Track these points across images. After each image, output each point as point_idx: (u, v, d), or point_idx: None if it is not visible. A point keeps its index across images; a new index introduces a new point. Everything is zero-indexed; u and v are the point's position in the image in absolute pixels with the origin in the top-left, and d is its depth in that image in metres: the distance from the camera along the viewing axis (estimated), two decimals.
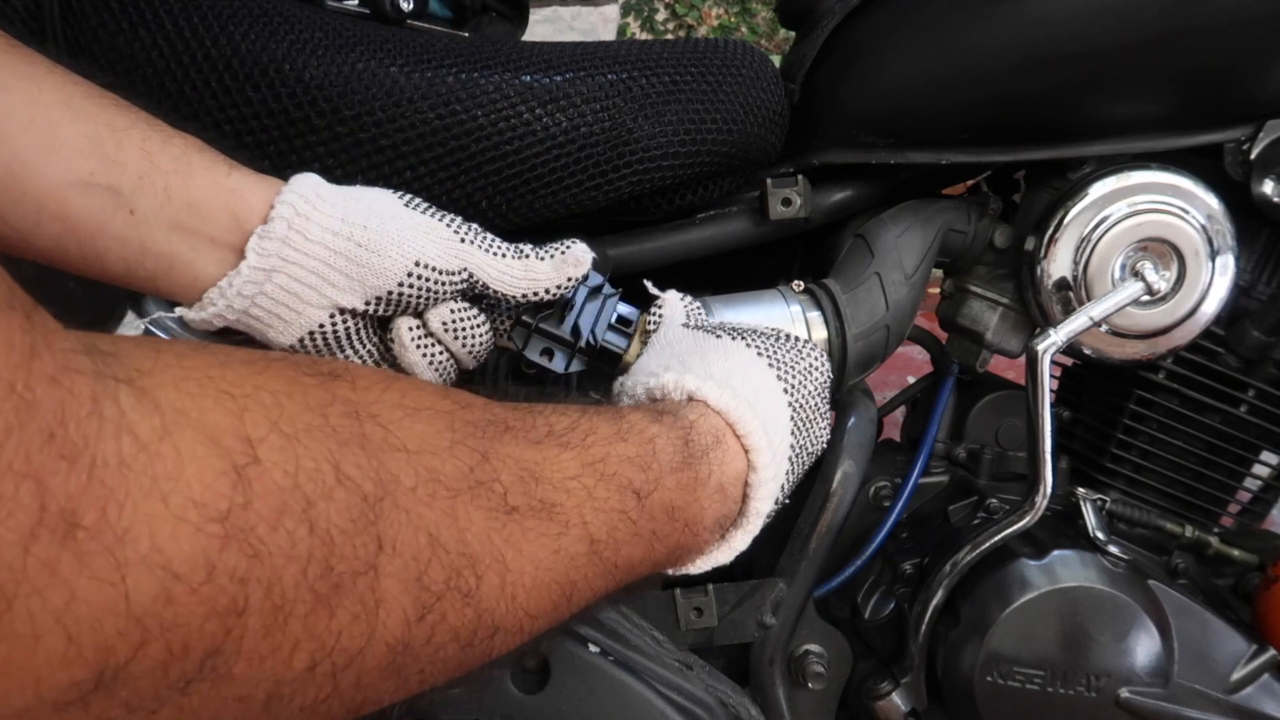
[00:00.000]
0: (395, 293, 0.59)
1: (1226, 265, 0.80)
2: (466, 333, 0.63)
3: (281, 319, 0.58)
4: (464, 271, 0.61)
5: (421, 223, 0.59)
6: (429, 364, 0.63)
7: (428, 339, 0.63)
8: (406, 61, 0.70)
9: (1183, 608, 0.83)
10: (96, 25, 0.67)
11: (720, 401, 0.54)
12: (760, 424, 0.55)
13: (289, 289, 0.57)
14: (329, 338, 0.60)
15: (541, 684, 0.71)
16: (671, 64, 0.77)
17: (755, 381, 0.57)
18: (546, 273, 0.62)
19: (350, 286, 0.58)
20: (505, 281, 0.62)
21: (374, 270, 0.58)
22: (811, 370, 0.62)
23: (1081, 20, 0.75)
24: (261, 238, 0.56)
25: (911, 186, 0.87)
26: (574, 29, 3.37)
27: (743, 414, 0.54)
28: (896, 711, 0.86)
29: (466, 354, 0.64)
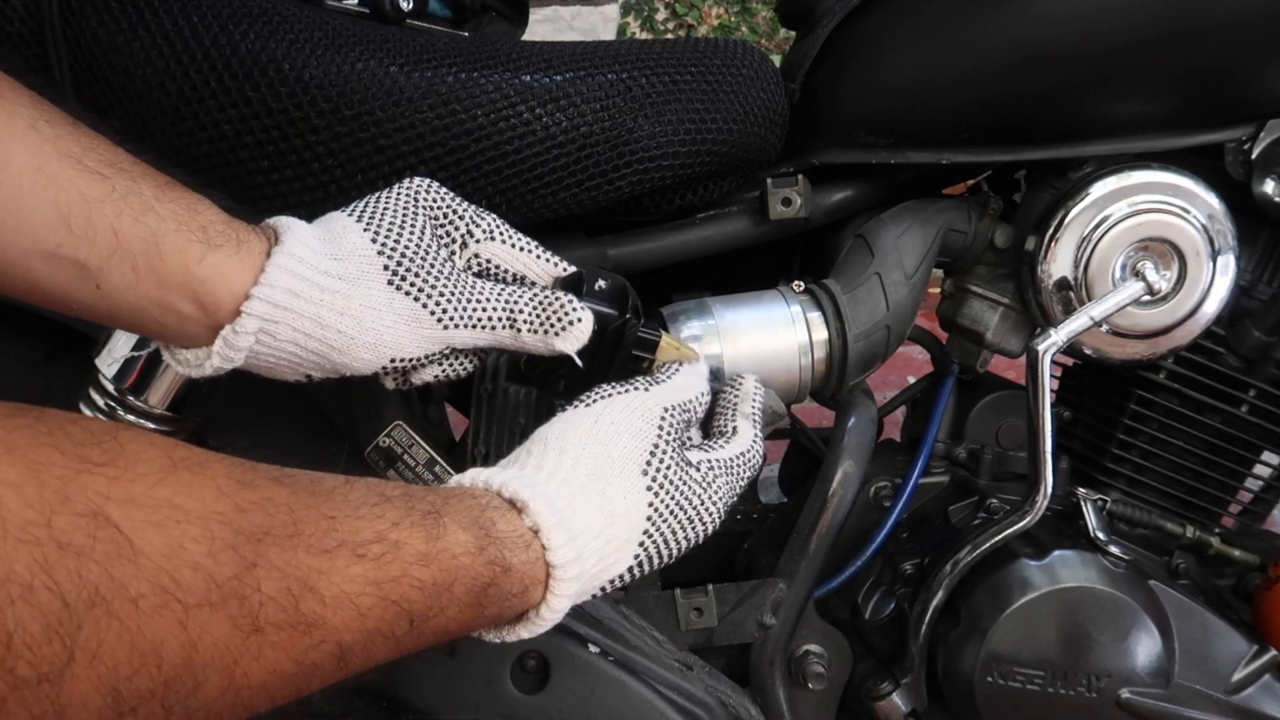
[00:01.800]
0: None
1: (1227, 265, 0.80)
2: (455, 377, 0.66)
3: (274, 369, 0.60)
4: (446, 349, 0.62)
5: (403, 311, 0.59)
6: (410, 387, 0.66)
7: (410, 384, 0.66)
8: (406, 61, 0.70)
9: (1183, 608, 0.83)
10: (96, 25, 0.67)
11: (546, 534, 0.52)
12: (577, 556, 0.53)
13: (262, 367, 0.59)
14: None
15: (541, 684, 0.71)
16: (671, 64, 0.77)
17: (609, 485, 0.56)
18: (540, 346, 0.62)
19: (326, 371, 0.61)
20: (485, 338, 0.62)
21: (348, 368, 0.60)
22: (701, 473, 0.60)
23: (1082, 20, 0.75)
24: (226, 343, 0.57)
25: (912, 186, 0.87)
26: (574, 29, 3.37)
27: (560, 552, 0.52)
28: (897, 712, 0.86)
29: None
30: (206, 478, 0.39)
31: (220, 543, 0.38)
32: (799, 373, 0.77)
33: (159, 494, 0.37)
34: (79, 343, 0.71)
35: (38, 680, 0.32)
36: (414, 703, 0.70)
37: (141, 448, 0.38)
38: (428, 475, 0.77)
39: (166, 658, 0.36)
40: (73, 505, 0.34)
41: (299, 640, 0.41)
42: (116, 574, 0.34)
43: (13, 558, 0.32)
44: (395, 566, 0.44)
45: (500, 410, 0.76)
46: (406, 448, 0.78)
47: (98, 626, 0.34)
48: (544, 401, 0.76)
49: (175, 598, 0.36)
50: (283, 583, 0.40)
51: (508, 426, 0.76)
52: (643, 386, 0.61)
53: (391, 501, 0.46)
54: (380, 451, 0.77)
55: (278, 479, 0.42)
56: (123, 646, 0.35)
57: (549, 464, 0.55)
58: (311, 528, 0.42)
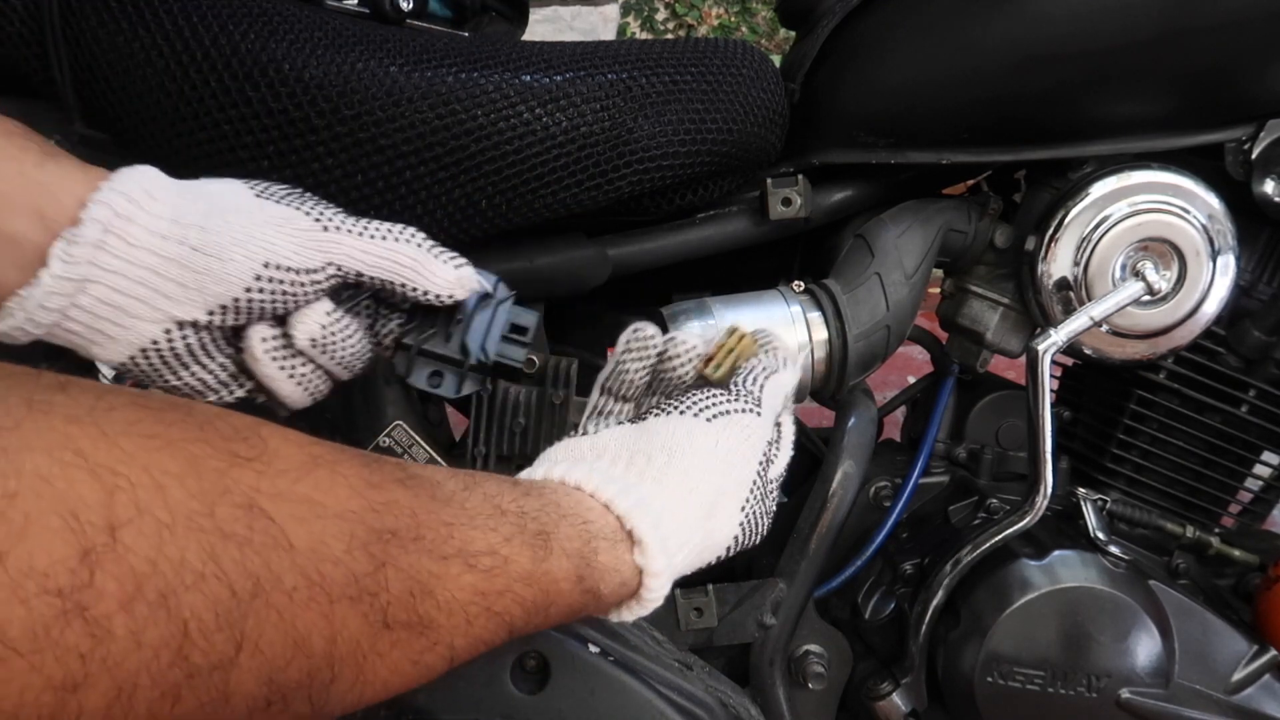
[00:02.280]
0: (243, 300, 0.53)
1: (1227, 265, 0.80)
2: (337, 346, 0.57)
3: (105, 334, 0.52)
4: (329, 267, 0.55)
5: (275, 214, 0.54)
6: (291, 379, 0.58)
7: (289, 353, 0.57)
8: (406, 61, 0.70)
9: (1183, 608, 0.83)
10: (96, 25, 0.67)
11: (649, 578, 0.52)
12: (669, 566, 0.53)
13: (110, 301, 0.50)
14: (166, 356, 0.54)
15: (541, 684, 0.71)
16: (671, 64, 0.77)
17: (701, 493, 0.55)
18: (437, 274, 0.57)
19: (187, 297, 0.52)
20: (383, 268, 0.56)
21: (214, 276, 0.51)
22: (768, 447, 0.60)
23: (1082, 20, 0.75)
24: (69, 243, 0.49)
25: (911, 186, 0.87)
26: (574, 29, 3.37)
27: (654, 593, 0.52)
28: (897, 712, 0.86)
29: (338, 367, 0.59)
30: (340, 476, 0.40)
31: (356, 540, 0.39)
32: (799, 373, 0.77)
33: (301, 489, 0.38)
34: None
35: (210, 669, 0.33)
36: (414, 703, 0.70)
37: (281, 443, 0.39)
38: None
39: (314, 649, 0.37)
40: (231, 497, 0.35)
41: (417, 640, 0.42)
42: (273, 565, 0.35)
43: (185, 545, 0.33)
44: (501, 581, 0.45)
45: (500, 410, 0.76)
46: (406, 448, 0.78)
47: (259, 616, 0.35)
48: (544, 401, 0.76)
49: (322, 590, 0.37)
50: (406, 584, 0.41)
51: (508, 426, 0.76)
52: (754, 409, 0.58)
53: (506, 516, 0.47)
54: (380, 451, 0.77)
55: (402, 481, 0.43)
56: (280, 637, 0.36)
57: (673, 488, 0.54)
58: (432, 533, 0.43)
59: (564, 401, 0.76)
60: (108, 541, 0.31)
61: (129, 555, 0.31)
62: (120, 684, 0.31)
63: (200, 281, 0.52)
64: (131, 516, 0.32)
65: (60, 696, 0.30)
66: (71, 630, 0.30)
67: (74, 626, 0.30)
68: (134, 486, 0.32)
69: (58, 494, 0.30)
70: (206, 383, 0.57)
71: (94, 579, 0.30)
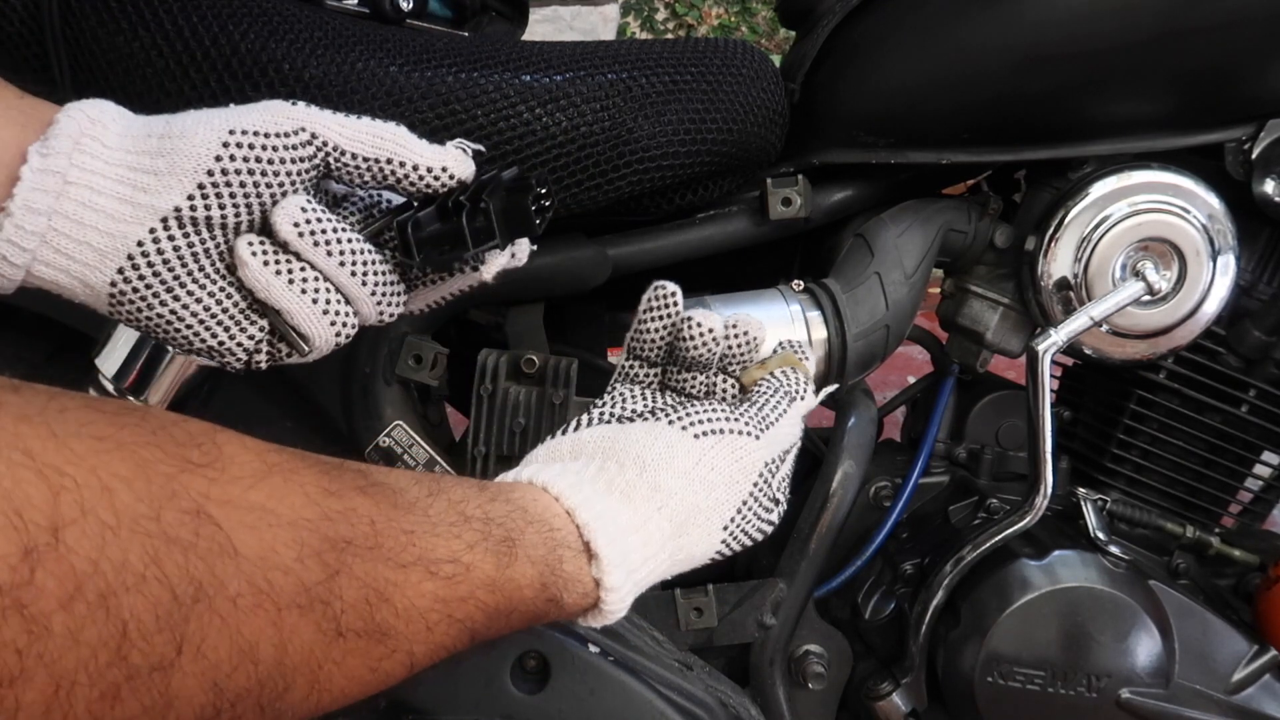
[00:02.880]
0: (218, 175, 0.49)
1: (1227, 265, 0.80)
2: (330, 237, 0.52)
3: (92, 247, 0.49)
4: (303, 132, 0.51)
5: (245, 105, 0.52)
6: (293, 286, 0.52)
7: (282, 255, 0.52)
8: (406, 61, 0.70)
9: (1183, 608, 0.83)
10: (96, 25, 0.67)
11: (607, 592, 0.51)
12: (626, 605, 0.53)
13: (91, 203, 0.49)
14: (156, 264, 0.50)
15: (541, 684, 0.71)
16: (671, 64, 0.77)
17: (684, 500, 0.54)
18: (418, 144, 0.54)
19: (162, 183, 0.49)
20: (364, 140, 0.52)
21: (183, 152, 0.49)
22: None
23: (1082, 20, 0.75)
24: (46, 140, 0.48)
25: (911, 186, 0.87)
26: (574, 29, 3.37)
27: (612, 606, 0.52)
28: (897, 712, 0.86)
29: (346, 275, 0.53)
30: (296, 484, 0.40)
31: (308, 549, 0.39)
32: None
33: (253, 497, 0.38)
34: (79, 343, 0.71)
35: (149, 670, 0.33)
36: (414, 703, 0.70)
37: (237, 450, 0.39)
38: None
39: (262, 657, 0.37)
40: (178, 502, 0.35)
41: (375, 648, 0.42)
42: (218, 571, 0.35)
43: (128, 547, 0.33)
44: (464, 588, 0.45)
45: (500, 410, 0.76)
46: (406, 448, 0.78)
47: (201, 621, 0.35)
48: (544, 401, 0.76)
49: (269, 598, 0.37)
50: (362, 592, 0.41)
51: (508, 426, 0.76)
52: (753, 431, 0.57)
53: (470, 523, 0.47)
54: (380, 451, 0.77)
55: (363, 489, 0.43)
56: (224, 642, 0.36)
57: (640, 503, 0.53)
58: (391, 541, 0.43)
59: (564, 401, 0.76)
60: (50, 541, 0.31)
61: (70, 555, 0.31)
62: (58, 680, 0.31)
63: (171, 163, 0.49)
64: (75, 517, 0.32)
65: None
66: (9, 626, 0.30)
67: (11, 622, 0.30)
68: (80, 487, 0.32)
69: (3, 492, 0.30)
70: (213, 313, 0.53)
71: (34, 577, 0.30)
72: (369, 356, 0.78)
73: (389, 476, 0.46)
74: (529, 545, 0.49)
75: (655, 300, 0.61)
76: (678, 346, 0.62)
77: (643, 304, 0.62)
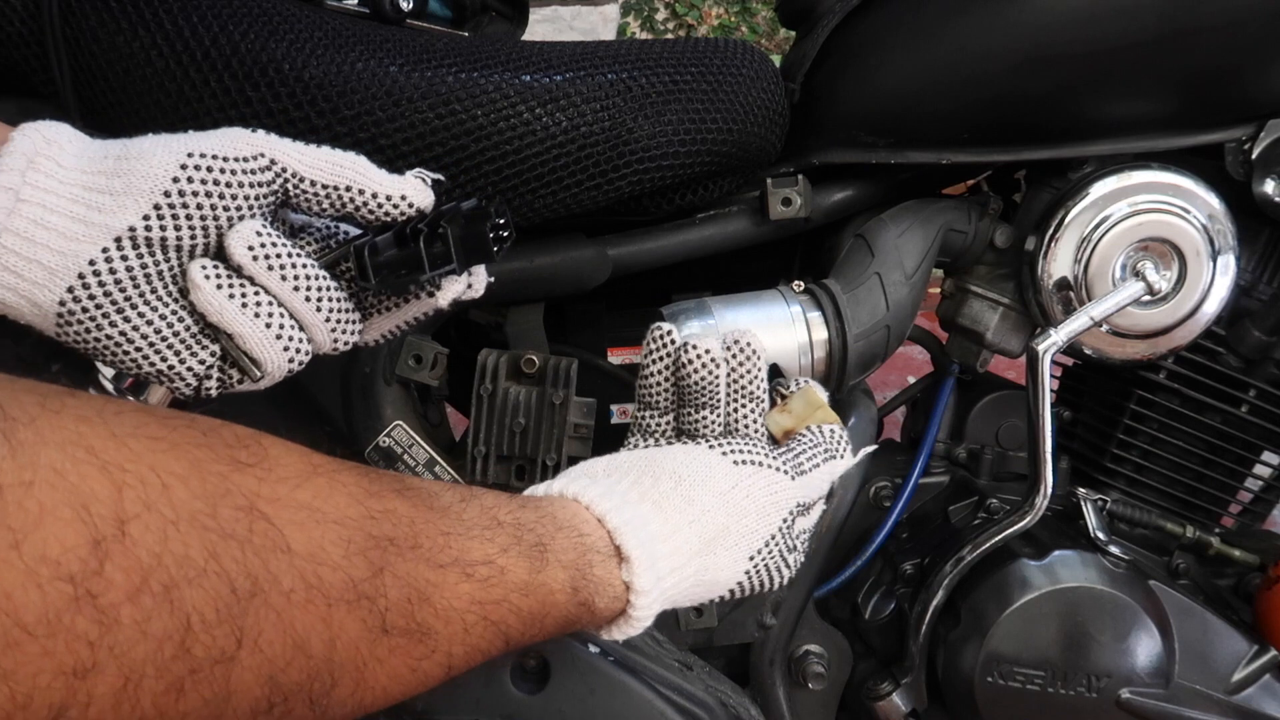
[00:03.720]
0: (176, 197, 0.49)
1: (1227, 265, 0.80)
2: (285, 262, 0.51)
3: (43, 265, 0.48)
4: (261, 158, 0.51)
5: (205, 131, 0.52)
6: (246, 310, 0.51)
7: (234, 278, 0.51)
8: (406, 61, 0.70)
9: (1183, 608, 0.83)
10: (96, 25, 0.67)
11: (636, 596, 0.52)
12: (652, 613, 0.53)
13: (43, 221, 0.48)
14: (107, 284, 0.49)
15: (541, 684, 0.71)
16: (671, 64, 0.77)
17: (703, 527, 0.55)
18: (377, 174, 0.53)
19: (118, 203, 0.49)
20: (321, 168, 0.52)
21: (140, 174, 0.49)
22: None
23: (1082, 20, 0.75)
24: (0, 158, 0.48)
25: (912, 186, 0.87)
26: (574, 29, 3.37)
27: (641, 611, 0.52)
28: (897, 712, 0.86)
29: (300, 300, 0.52)
30: (340, 484, 0.41)
31: (354, 546, 0.40)
32: (799, 372, 0.77)
33: (300, 496, 0.39)
34: None
35: (211, 663, 0.34)
36: (414, 703, 0.70)
37: (281, 452, 0.40)
38: (427, 475, 0.77)
39: (313, 651, 0.38)
40: (232, 499, 0.36)
41: (416, 648, 0.42)
42: (272, 566, 0.36)
43: (188, 541, 0.34)
44: (499, 590, 0.46)
45: (500, 410, 0.76)
46: (406, 448, 0.78)
47: (258, 615, 0.36)
48: (544, 401, 0.76)
49: (320, 593, 0.38)
50: (404, 591, 0.42)
51: (508, 426, 0.76)
52: (790, 471, 0.58)
53: (503, 527, 0.48)
54: (380, 451, 0.77)
55: (400, 491, 0.44)
56: (279, 636, 0.36)
57: (672, 513, 0.54)
58: (429, 541, 0.44)
59: (564, 401, 0.76)
60: (116, 534, 0.32)
61: (136, 548, 0.32)
62: (127, 673, 0.32)
63: (128, 183, 0.49)
64: (139, 511, 0.33)
65: (70, 683, 0.30)
66: (82, 617, 0.30)
67: (84, 613, 0.30)
68: (141, 484, 0.33)
69: (70, 487, 0.31)
70: (163, 335, 0.52)
71: (103, 568, 0.31)
72: (369, 356, 0.78)
73: (423, 482, 0.47)
74: (559, 550, 0.49)
75: (653, 341, 0.62)
76: (683, 382, 0.61)
77: (643, 350, 0.62)
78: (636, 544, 0.51)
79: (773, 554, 0.58)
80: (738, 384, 0.62)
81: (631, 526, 0.52)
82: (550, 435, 0.76)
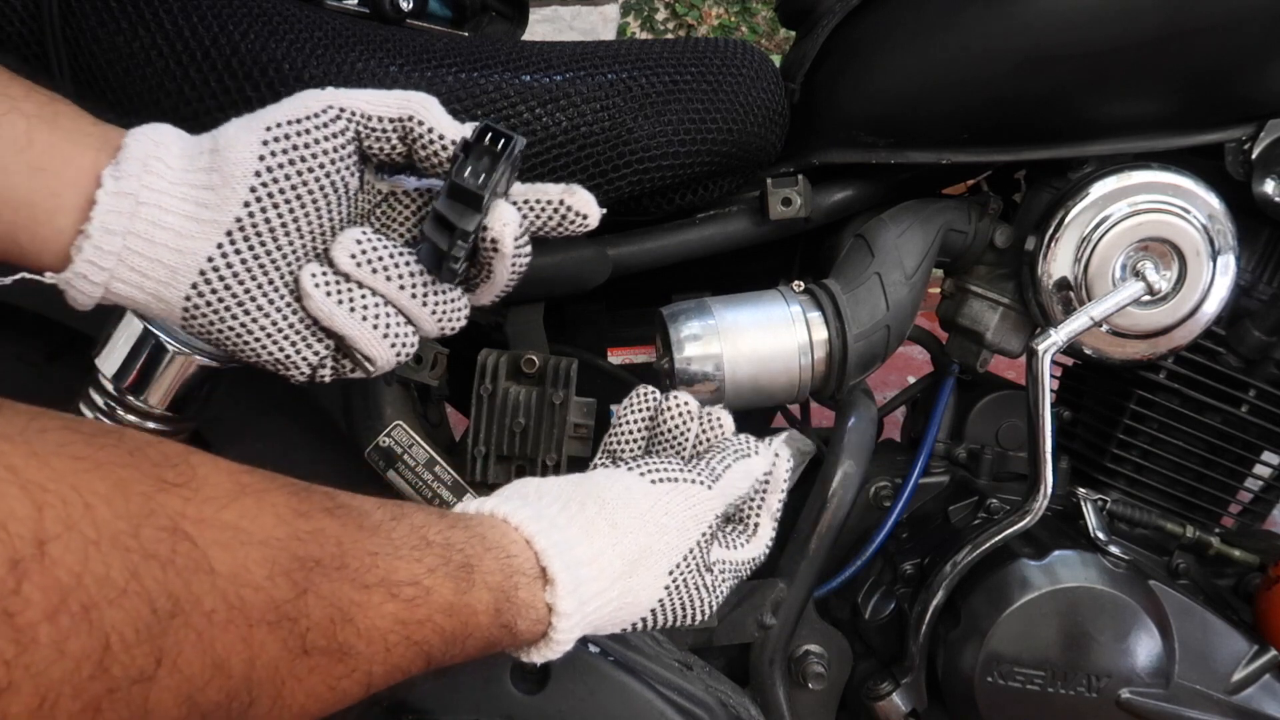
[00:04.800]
0: (267, 173, 0.52)
1: (1227, 265, 0.80)
2: (388, 263, 0.55)
3: (164, 264, 0.52)
4: (330, 109, 0.54)
5: (277, 103, 0.55)
6: (354, 314, 0.55)
7: (341, 281, 0.55)
8: (406, 61, 0.70)
9: (1183, 608, 0.83)
10: (96, 25, 0.67)
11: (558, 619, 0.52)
12: (574, 637, 0.53)
13: (161, 222, 0.51)
14: (226, 278, 0.53)
15: (541, 684, 0.71)
16: (671, 64, 0.77)
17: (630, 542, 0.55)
18: (439, 112, 0.55)
19: (220, 196, 0.52)
20: (388, 101, 0.54)
21: (231, 160, 0.52)
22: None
23: (1082, 20, 0.75)
24: (117, 164, 0.51)
25: (911, 186, 0.87)
26: (574, 29, 3.37)
27: (563, 634, 0.53)
28: (897, 712, 0.86)
29: (406, 298, 0.56)
30: (268, 504, 0.41)
31: (278, 567, 0.40)
32: (799, 373, 0.77)
33: (226, 516, 0.39)
34: (79, 343, 0.71)
35: (130, 683, 0.34)
36: (414, 703, 0.70)
37: (210, 471, 0.40)
38: (427, 475, 0.77)
39: (233, 671, 0.38)
40: (156, 519, 0.36)
41: (336, 666, 0.43)
42: (194, 587, 0.36)
43: (109, 561, 0.34)
44: (423, 610, 0.46)
45: (500, 410, 0.76)
46: (406, 448, 0.78)
47: (178, 635, 0.36)
48: (544, 401, 0.76)
49: (241, 614, 0.38)
50: (327, 611, 0.42)
51: (508, 426, 0.76)
52: (707, 482, 0.60)
53: (431, 547, 0.48)
54: (380, 451, 0.77)
55: (330, 510, 0.44)
56: (199, 657, 0.37)
57: (597, 537, 0.55)
58: (356, 562, 0.44)
59: (564, 401, 0.76)
60: (35, 554, 0.32)
61: (55, 568, 0.32)
62: (43, 693, 0.32)
63: (224, 174, 0.52)
64: (59, 532, 0.33)
65: None
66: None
67: (0, 632, 0.30)
68: (63, 503, 0.33)
69: None
70: (280, 328, 0.55)
71: (21, 588, 0.31)
72: None
73: (354, 500, 0.47)
74: (486, 572, 0.50)
75: (636, 398, 0.65)
76: (658, 426, 0.64)
77: (622, 406, 0.65)
78: (562, 567, 0.52)
79: (690, 570, 0.59)
80: (701, 445, 0.65)
81: (559, 549, 0.52)
82: (550, 435, 0.76)
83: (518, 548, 0.52)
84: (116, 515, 0.35)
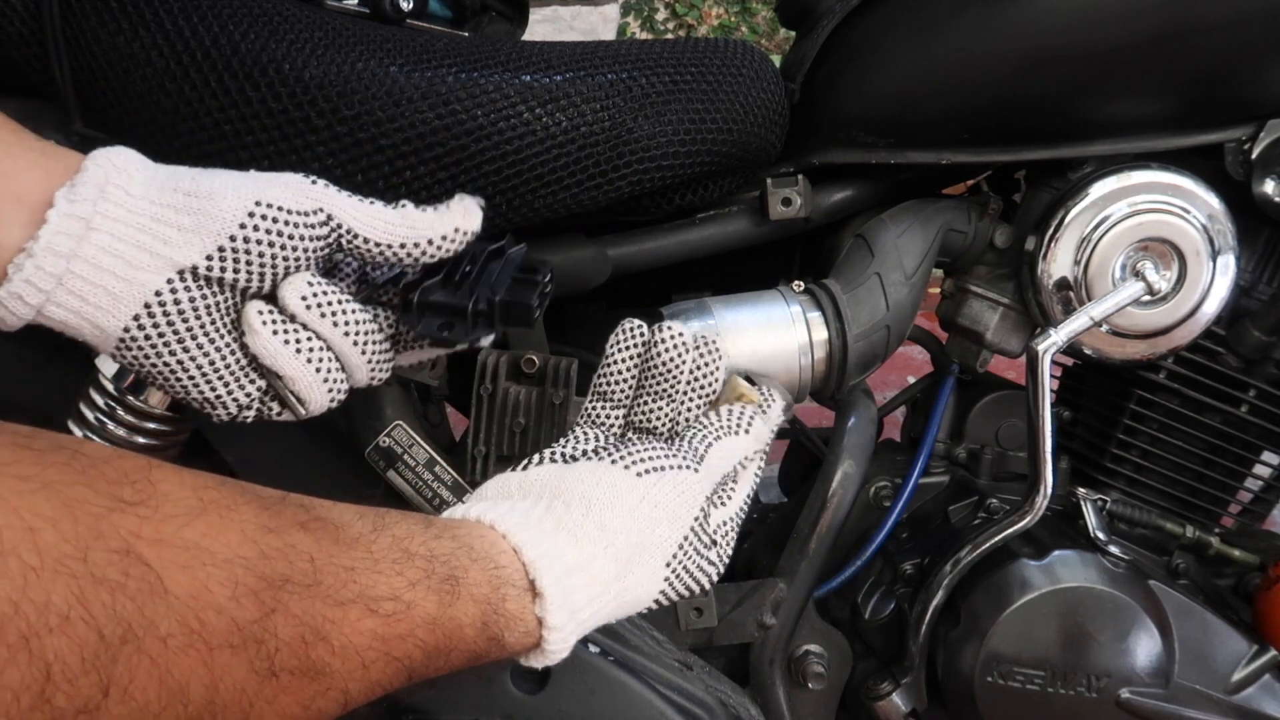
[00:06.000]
0: (239, 241, 0.52)
1: (1227, 265, 0.80)
2: (335, 309, 0.56)
3: (108, 291, 0.51)
4: (320, 213, 0.54)
5: (266, 174, 0.55)
6: (299, 355, 0.56)
7: (286, 322, 0.55)
8: (406, 61, 0.70)
9: (1183, 608, 0.83)
10: (96, 25, 0.67)
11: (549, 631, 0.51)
12: (569, 644, 0.52)
13: (111, 249, 0.50)
14: (170, 314, 0.53)
15: (541, 684, 0.71)
16: (671, 64, 0.77)
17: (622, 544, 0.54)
18: (427, 221, 0.56)
19: (184, 240, 0.52)
20: (376, 227, 0.56)
21: (209, 214, 0.52)
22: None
23: (1082, 21, 0.75)
24: (73, 186, 0.50)
25: (911, 186, 0.87)
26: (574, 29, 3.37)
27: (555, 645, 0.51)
28: (897, 712, 0.86)
29: (349, 345, 0.57)
30: (233, 521, 0.40)
31: (243, 588, 0.39)
32: (799, 373, 0.77)
33: (187, 535, 0.38)
34: (79, 343, 0.71)
35: (75, 713, 0.33)
36: (414, 703, 0.70)
37: (172, 487, 0.39)
38: (428, 475, 0.77)
39: (192, 697, 0.37)
40: (106, 541, 0.35)
41: (308, 686, 0.41)
42: (148, 611, 0.35)
43: (50, 588, 0.33)
44: (404, 626, 0.45)
45: (500, 410, 0.76)
46: (406, 448, 0.78)
47: (130, 662, 0.34)
48: (544, 401, 0.76)
49: (201, 638, 0.37)
50: (298, 630, 0.41)
51: (508, 426, 0.76)
52: (693, 465, 0.58)
53: (414, 559, 0.47)
54: (380, 451, 0.77)
55: (304, 524, 0.43)
56: (153, 684, 0.35)
57: (586, 542, 0.53)
58: (330, 578, 0.42)
59: (564, 401, 0.76)
60: None
61: None
62: None
63: (197, 222, 0.52)
64: None
65: None
66: None
67: None
68: (2, 529, 0.32)
69: None
70: (215, 368, 0.56)
71: None
72: None
73: (332, 511, 0.46)
74: (472, 584, 0.48)
75: (623, 334, 0.63)
76: (649, 363, 0.62)
77: (610, 343, 0.63)
78: (552, 579, 0.51)
79: (689, 555, 0.57)
80: (696, 380, 0.63)
81: (548, 560, 0.51)
82: (550, 435, 0.76)
83: (506, 558, 0.51)
84: (63, 538, 0.33)
